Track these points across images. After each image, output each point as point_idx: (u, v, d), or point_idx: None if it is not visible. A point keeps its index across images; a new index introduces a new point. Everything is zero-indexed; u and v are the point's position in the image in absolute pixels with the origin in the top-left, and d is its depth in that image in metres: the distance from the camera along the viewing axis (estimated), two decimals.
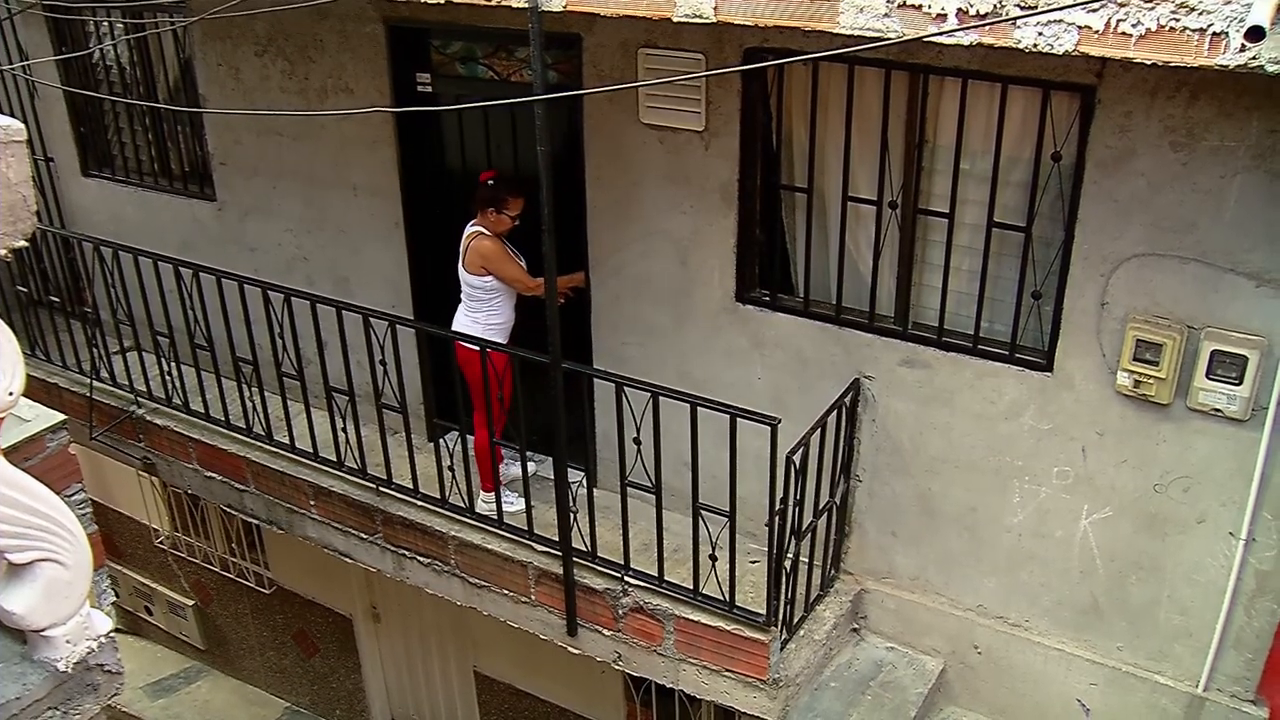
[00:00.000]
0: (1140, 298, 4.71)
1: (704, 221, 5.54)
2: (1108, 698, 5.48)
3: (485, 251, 5.78)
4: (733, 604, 5.15)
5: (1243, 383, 4.57)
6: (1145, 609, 5.24)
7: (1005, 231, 4.99)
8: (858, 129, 5.14)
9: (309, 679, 9.69)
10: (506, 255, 5.83)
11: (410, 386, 6.00)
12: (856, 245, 5.41)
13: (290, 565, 8.93)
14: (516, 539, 5.71)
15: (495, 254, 5.79)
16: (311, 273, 7.03)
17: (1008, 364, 5.13)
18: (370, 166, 6.52)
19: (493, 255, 5.79)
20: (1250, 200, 4.36)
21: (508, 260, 5.82)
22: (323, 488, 6.35)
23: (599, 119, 5.64)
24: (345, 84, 6.38)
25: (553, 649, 5.91)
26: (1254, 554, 4.87)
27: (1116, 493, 5.09)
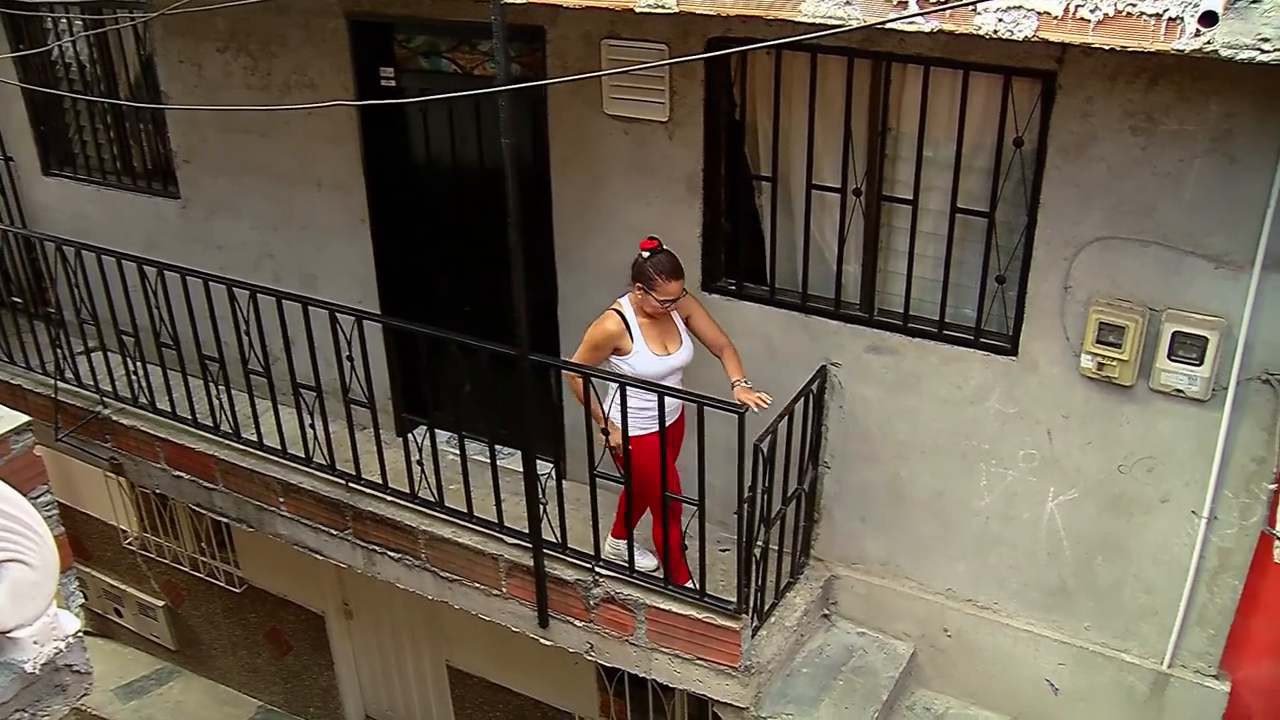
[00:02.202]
0: (1102, 281, 4.75)
1: (669, 212, 5.55)
2: (1076, 677, 5.54)
3: (593, 330, 5.17)
4: (703, 592, 5.17)
5: (1203, 363, 4.63)
6: (1112, 589, 5.30)
7: (969, 217, 5.03)
8: (821, 117, 5.16)
9: (282, 678, 9.65)
10: (599, 345, 5.14)
11: (378, 382, 5.98)
12: (821, 233, 5.43)
13: (261, 563, 8.90)
14: (487, 532, 5.70)
15: (592, 334, 5.16)
16: (278, 269, 7.00)
17: (973, 348, 5.17)
18: (335, 162, 6.50)
19: (593, 335, 5.16)
20: (1209, 183, 4.41)
21: (590, 350, 5.15)
22: (292, 485, 6.32)
23: (563, 111, 5.64)
24: (309, 79, 6.35)
25: (525, 641, 5.90)
26: (1216, 532, 4.93)
27: (1082, 474, 5.14)
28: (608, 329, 5.10)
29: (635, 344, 5.12)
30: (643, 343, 5.12)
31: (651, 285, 5.01)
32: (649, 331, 5.14)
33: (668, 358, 5.16)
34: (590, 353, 5.14)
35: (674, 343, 5.21)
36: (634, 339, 5.11)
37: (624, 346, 5.11)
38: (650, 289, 5.02)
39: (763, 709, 5.46)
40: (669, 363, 5.16)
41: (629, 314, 5.14)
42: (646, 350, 5.12)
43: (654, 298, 5.03)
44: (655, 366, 5.12)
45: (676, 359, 5.19)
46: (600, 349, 5.13)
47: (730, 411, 4.60)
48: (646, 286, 5.03)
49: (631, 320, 5.13)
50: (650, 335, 5.14)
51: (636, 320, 5.13)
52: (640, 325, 5.13)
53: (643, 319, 5.14)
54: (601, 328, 5.12)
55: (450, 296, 6.64)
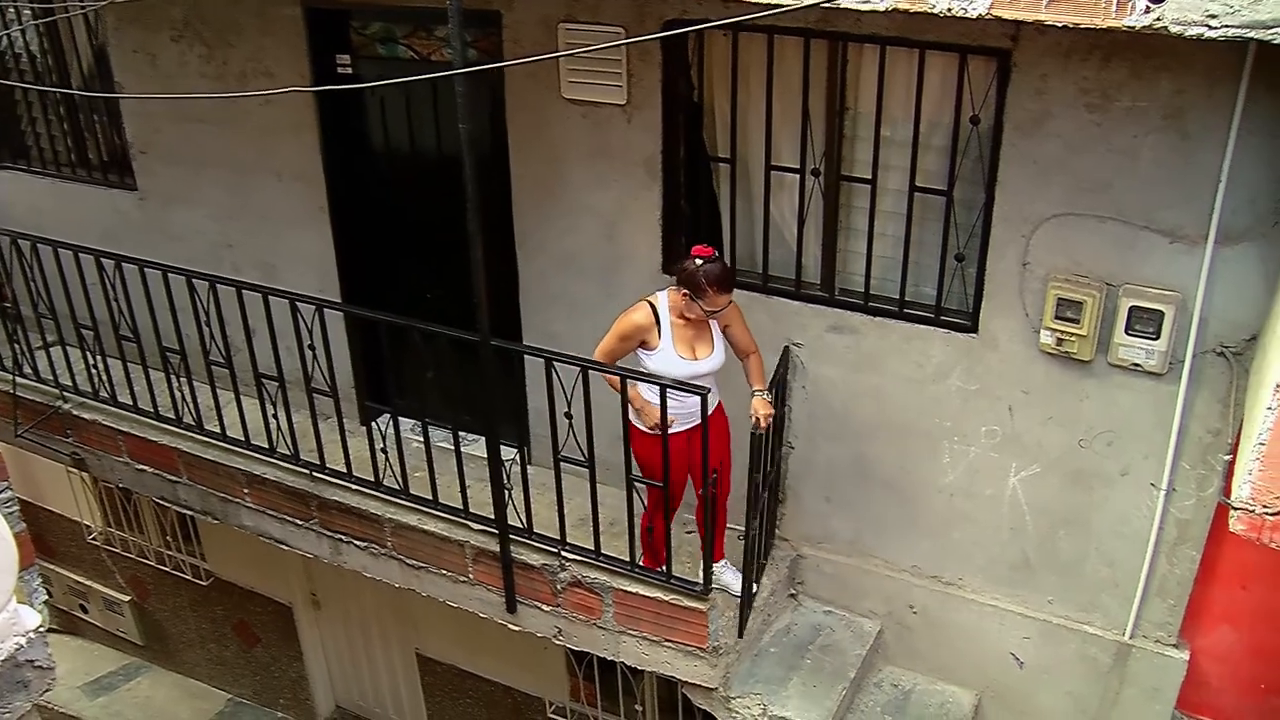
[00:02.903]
0: (1060, 257, 4.79)
1: (629, 195, 5.55)
2: (1040, 650, 5.60)
3: (622, 319, 5.01)
4: (669, 574, 5.19)
5: (1160, 337, 4.67)
6: (1074, 562, 5.35)
7: (927, 196, 5.06)
8: (779, 98, 5.17)
9: (251, 670, 9.62)
10: (626, 335, 4.99)
11: (340, 370, 5.95)
12: (781, 214, 5.45)
13: (227, 556, 8.86)
14: (452, 519, 5.69)
15: (621, 324, 5.00)
16: (237, 260, 6.96)
17: (934, 326, 5.20)
18: (293, 151, 6.45)
19: (621, 324, 5.00)
20: (1162, 159, 4.44)
21: (617, 338, 5.00)
22: (256, 475, 6.29)
23: (521, 96, 5.63)
24: (265, 68, 6.30)
25: (494, 627, 5.91)
26: (1174, 504, 5.00)
27: (1043, 449, 5.19)
28: (636, 321, 4.95)
29: (662, 342, 4.96)
30: (670, 343, 4.97)
31: (701, 294, 4.80)
32: (680, 333, 4.97)
33: (694, 363, 4.99)
34: (618, 342, 4.99)
35: (705, 348, 5.04)
36: (662, 336, 4.96)
37: (650, 341, 4.96)
38: (698, 297, 4.81)
39: (731, 689, 5.49)
40: (694, 368, 4.98)
41: (662, 310, 4.97)
42: (673, 351, 4.97)
43: (700, 305, 4.83)
44: (679, 369, 4.94)
45: (703, 365, 5.01)
46: (628, 339, 4.97)
47: (693, 393, 4.61)
48: (694, 294, 4.82)
49: (664, 317, 4.96)
50: (680, 337, 4.97)
51: (670, 319, 4.96)
52: (673, 325, 4.96)
53: (677, 319, 4.96)
54: (630, 319, 4.96)
55: (411, 284, 6.62)
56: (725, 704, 5.50)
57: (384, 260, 6.67)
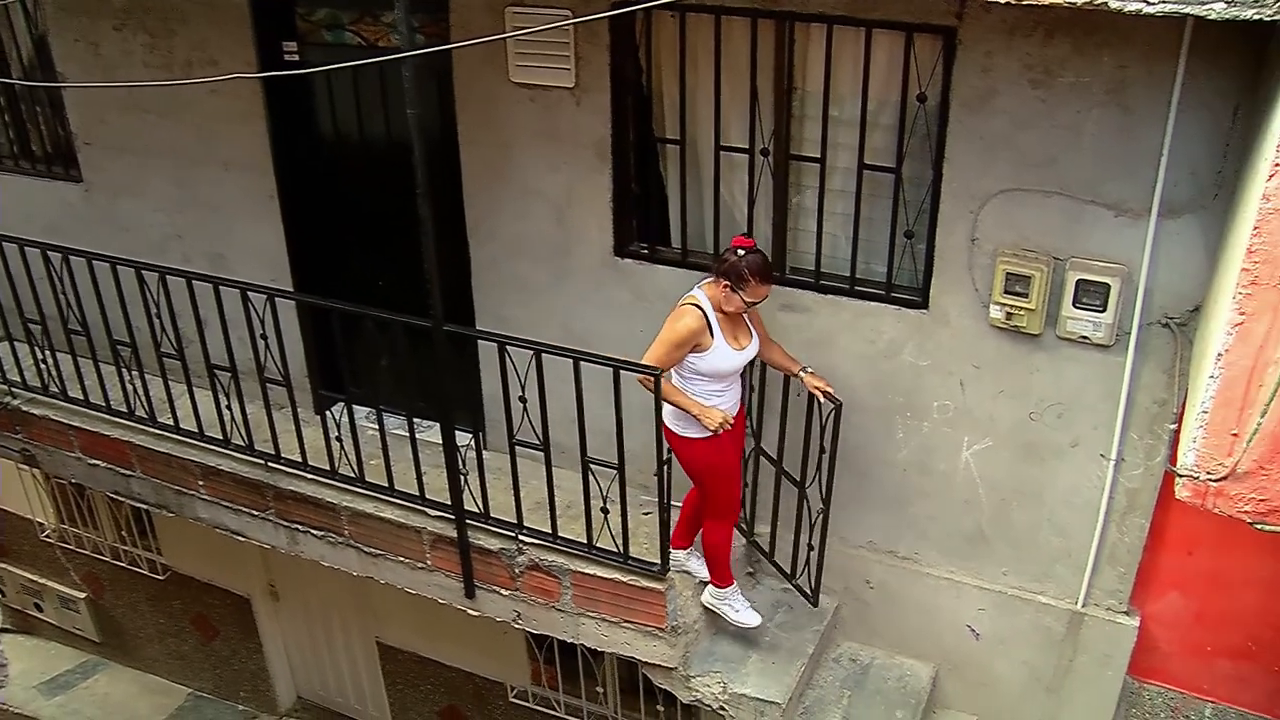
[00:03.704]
0: (1008, 232, 4.84)
1: (579, 178, 5.55)
2: (996, 621, 5.67)
3: (678, 328, 4.85)
4: (627, 555, 5.20)
5: (1106, 310, 4.74)
6: (1027, 533, 5.42)
7: (876, 173, 5.09)
8: (727, 79, 5.18)
9: (211, 663, 9.56)
10: (683, 342, 4.86)
11: (294, 360, 5.92)
12: (731, 194, 5.47)
13: (183, 549, 8.79)
14: (409, 505, 5.69)
15: (676, 331, 4.85)
16: (187, 251, 6.89)
17: (885, 303, 5.25)
18: (241, 140, 6.39)
19: (678, 332, 4.85)
20: (1105, 134, 4.50)
21: (672, 348, 4.87)
22: (211, 467, 6.25)
23: (469, 82, 5.61)
24: (210, 56, 6.23)
25: (453, 613, 5.91)
26: (1123, 473, 5.08)
27: (995, 423, 5.25)
28: (691, 326, 4.83)
29: (715, 339, 4.91)
30: (721, 337, 4.92)
31: (743, 285, 4.79)
32: (724, 325, 4.95)
33: (742, 351, 5.00)
34: (672, 351, 4.86)
35: (745, 335, 5.04)
36: (714, 335, 4.90)
37: (704, 343, 4.88)
38: (740, 288, 4.79)
39: (691, 668, 5.52)
40: (744, 356, 5.02)
41: (708, 308, 4.88)
42: (725, 345, 4.92)
43: (742, 297, 4.81)
44: (733, 360, 4.96)
45: (750, 351, 5.05)
46: (683, 346, 4.86)
47: (646, 374, 4.64)
48: (736, 285, 4.79)
49: (711, 314, 4.89)
50: (726, 329, 4.95)
51: (715, 315, 4.91)
52: (718, 319, 4.93)
53: (720, 313, 4.93)
54: (684, 324, 4.83)
55: (364, 272, 6.59)
56: (685, 683, 5.53)
57: (336, 248, 6.64)
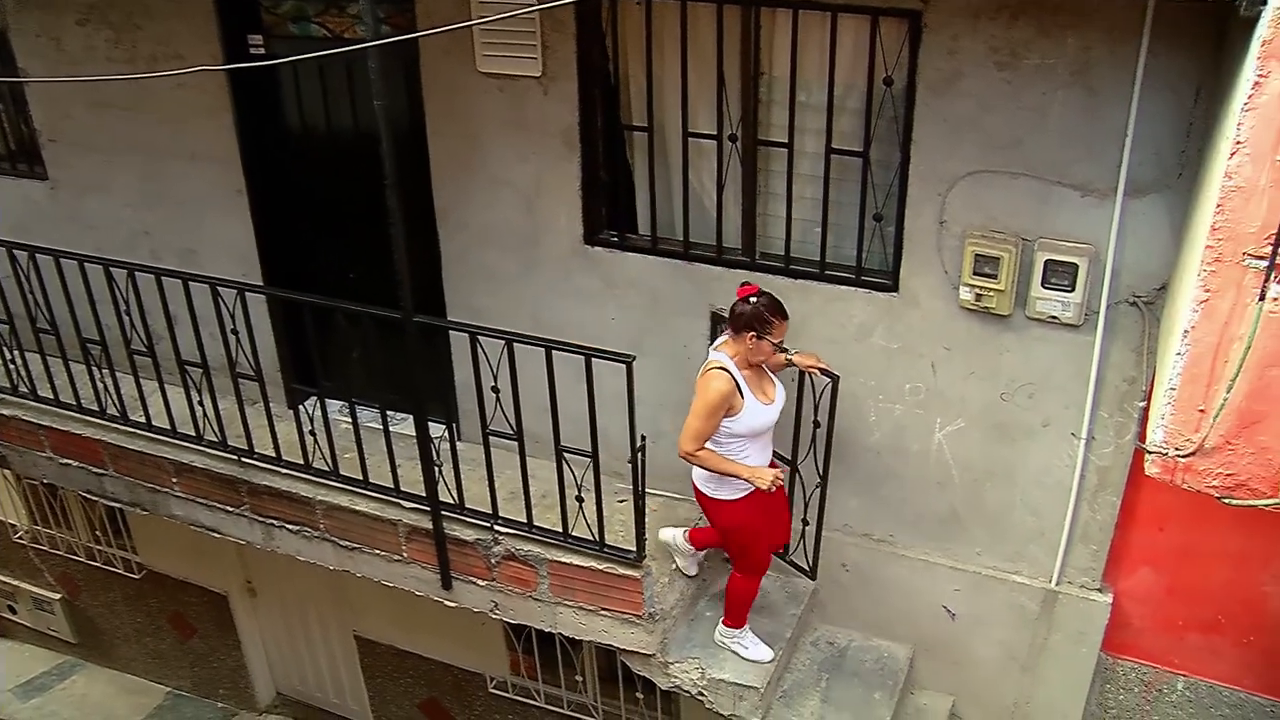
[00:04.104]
0: (976, 214, 4.86)
1: (547, 167, 5.54)
2: (971, 601, 5.71)
3: (710, 395, 4.79)
4: (603, 543, 5.21)
5: (1075, 289, 4.76)
6: (1000, 513, 5.46)
7: (844, 157, 5.10)
8: (694, 65, 5.19)
9: (188, 661, 9.52)
10: (718, 408, 4.81)
11: (265, 354, 5.89)
12: (700, 180, 5.48)
13: (159, 547, 8.74)
14: (384, 498, 5.67)
15: (709, 400, 4.80)
16: (156, 247, 6.85)
17: (855, 287, 5.27)
18: (208, 135, 6.36)
19: (711, 401, 4.80)
20: (1071, 115, 4.53)
21: (711, 416, 4.82)
22: (184, 464, 6.22)
23: (436, 72, 5.59)
24: (175, 51, 6.19)
25: (431, 605, 5.90)
26: (1094, 452, 5.12)
27: (966, 404, 5.28)
28: (722, 390, 4.77)
29: (746, 399, 4.86)
30: (751, 396, 4.89)
31: (767, 329, 4.77)
32: (751, 382, 4.91)
33: (772, 405, 4.99)
34: (709, 420, 4.82)
35: (771, 386, 5.05)
36: (744, 395, 4.86)
37: (736, 404, 4.83)
38: (766, 333, 4.77)
39: (669, 654, 5.54)
40: (775, 409, 5.01)
41: (733, 369, 4.84)
42: (756, 403, 4.90)
43: (769, 341, 4.79)
44: (765, 416, 4.96)
45: (779, 403, 5.04)
46: (718, 412, 4.81)
47: (618, 361, 4.61)
48: (760, 331, 4.76)
49: (737, 374, 4.85)
50: (754, 386, 4.93)
51: (741, 374, 4.86)
52: (745, 379, 4.88)
53: (745, 371, 4.88)
54: (715, 389, 4.77)
55: (334, 264, 6.57)
56: (663, 670, 5.54)
57: (305, 242, 6.61)
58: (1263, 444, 3.40)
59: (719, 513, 5.16)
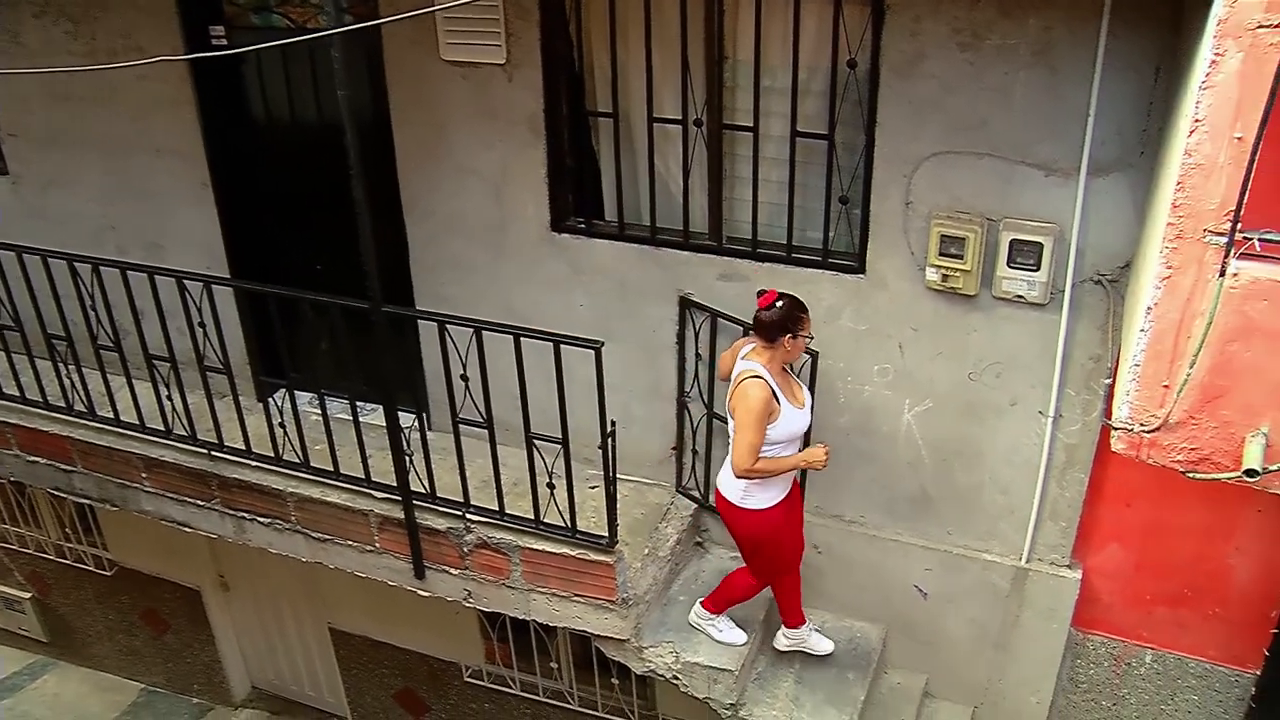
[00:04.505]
0: (941, 195, 4.89)
1: (513, 154, 5.53)
2: (943, 580, 5.76)
3: (752, 403, 4.80)
4: (574, 529, 5.22)
5: (1040, 269, 4.80)
6: (970, 492, 5.50)
7: (809, 140, 5.11)
8: (658, 50, 5.18)
9: (162, 657, 9.47)
10: (762, 416, 4.82)
11: (233, 347, 5.87)
12: (666, 165, 5.48)
13: (130, 543, 8.69)
14: (355, 489, 5.66)
15: (755, 409, 4.80)
16: (121, 242, 6.80)
17: (822, 269, 5.28)
18: (172, 127, 6.31)
19: (755, 409, 4.80)
20: (1034, 95, 4.55)
21: (760, 425, 4.83)
22: (154, 459, 6.19)
23: (400, 61, 5.57)
24: (136, 43, 6.13)
25: (404, 595, 5.89)
26: (1061, 429, 5.16)
27: (935, 384, 5.31)
28: (762, 397, 4.79)
29: (782, 404, 4.90)
30: (785, 402, 4.92)
31: (800, 326, 4.83)
32: (784, 388, 4.95)
33: (804, 409, 5.04)
34: (759, 430, 4.82)
35: (799, 390, 5.10)
36: (780, 400, 4.89)
37: (775, 411, 4.86)
38: (799, 330, 4.83)
39: (643, 639, 5.57)
40: (808, 413, 5.07)
41: (767, 376, 4.85)
42: (790, 408, 4.94)
43: (803, 337, 4.87)
44: (801, 420, 5.01)
45: (809, 405, 5.10)
46: (763, 420, 4.82)
47: (586, 347, 4.61)
48: (795, 330, 4.81)
49: (771, 381, 4.86)
50: (786, 391, 4.96)
51: (775, 380, 4.88)
52: (779, 385, 4.91)
53: (776, 377, 4.90)
54: (757, 398, 4.78)
55: (301, 256, 6.54)
56: (638, 654, 5.57)
57: (272, 233, 6.58)
58: (1225, 418, 3.44)
59: (747, 522, 5.16)
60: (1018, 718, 6.02)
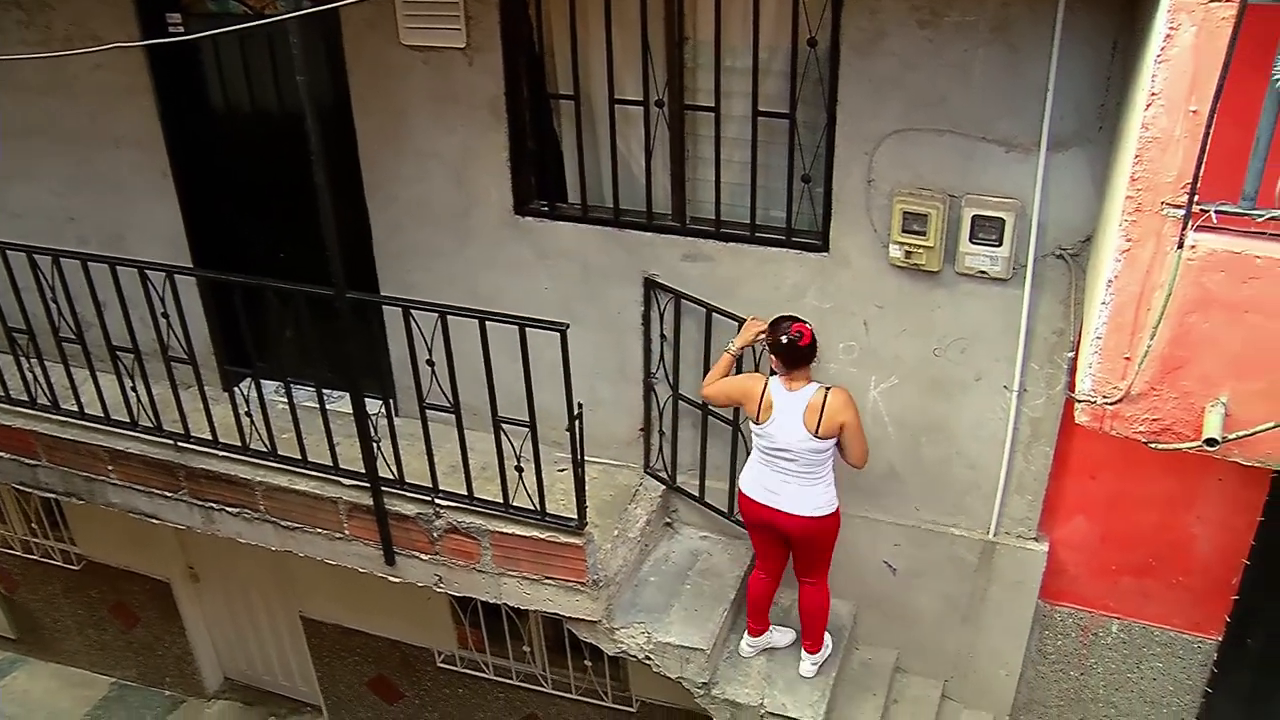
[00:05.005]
0: (903, 172, 4.90)
1: (475, 139, 5.51)
2: (911, 556, 5.80)
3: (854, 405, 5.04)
4: (543, 512, 5.22)
5: (1002, 244, 4.83)
6: (937, 468, 5.53)
7: (771, 120, 5.12)
8: (618, 32, 5.17)
9: (133, 651, 9.43)
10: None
11: (198, 337, 5.83)
12: (628, 147, 5.47)
13: (98, 537, 8.65)
14: (324, 476, 5.65)
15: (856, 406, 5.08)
16: (83, 233, 6.73)
17: (786, 248, 5.29)
18: (130, 117, 6.25)
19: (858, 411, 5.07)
20: (993, 71, 4.57)
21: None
22: (120, 451, 6.14)
23: (360, 45, 5.54)
24: (90, 31, 6.06)
25: (375, 582, 5.89)
26: (1026, 403, 5.20)
27: (900, 361, 5.34)
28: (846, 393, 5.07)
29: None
30: None
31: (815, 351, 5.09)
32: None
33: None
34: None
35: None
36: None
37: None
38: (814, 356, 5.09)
39: (615, 620, 5.58)
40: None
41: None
42: None
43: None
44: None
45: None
46: None
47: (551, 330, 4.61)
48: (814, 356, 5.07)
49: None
50: None
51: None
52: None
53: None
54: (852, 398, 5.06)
55: (264, 244, 6.49)
56: (610, 635, 5.58)
57: (234, 222, 6.53)
58: (1185, 389, 3.47)
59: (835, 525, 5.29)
60: (987, 690, 6.08)
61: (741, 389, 5.13)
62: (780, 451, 5.05)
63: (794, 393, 4.99)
